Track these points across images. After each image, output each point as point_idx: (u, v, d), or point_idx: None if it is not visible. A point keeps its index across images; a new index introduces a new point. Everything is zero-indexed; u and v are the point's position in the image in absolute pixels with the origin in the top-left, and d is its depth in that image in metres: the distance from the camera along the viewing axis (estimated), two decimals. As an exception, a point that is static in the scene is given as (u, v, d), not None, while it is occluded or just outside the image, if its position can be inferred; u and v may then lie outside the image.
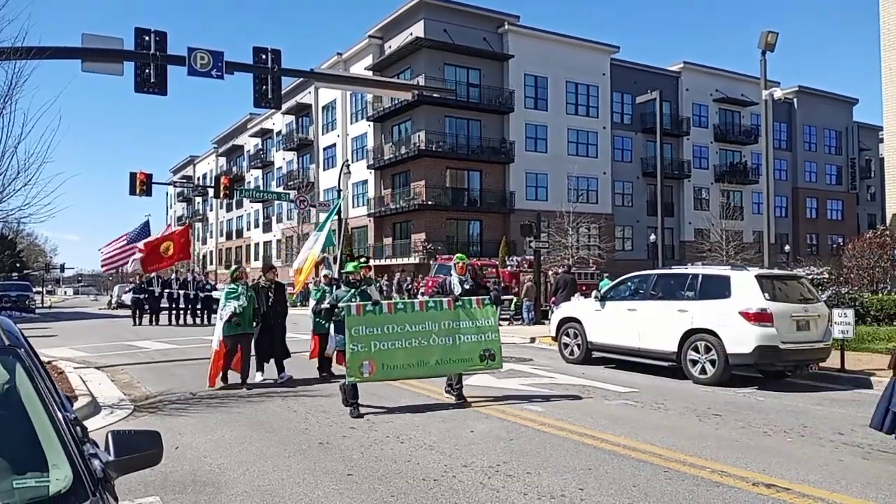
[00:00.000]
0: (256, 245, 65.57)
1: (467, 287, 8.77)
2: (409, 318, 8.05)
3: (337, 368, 9.93)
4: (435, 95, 35.93)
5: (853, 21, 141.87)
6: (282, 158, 59.24)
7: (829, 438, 6.74)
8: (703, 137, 52.67)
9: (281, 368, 10.49)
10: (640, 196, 49.29)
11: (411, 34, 41.08)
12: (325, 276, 11.54)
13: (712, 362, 10.14)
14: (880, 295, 15.76)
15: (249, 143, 67.64)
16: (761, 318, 9.75)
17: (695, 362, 10.39)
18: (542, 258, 25.71)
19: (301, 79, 36.44)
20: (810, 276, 16.26)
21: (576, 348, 12.69)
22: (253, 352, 10.31)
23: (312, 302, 10.85)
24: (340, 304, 7.92)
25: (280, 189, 54.30)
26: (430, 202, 40.25)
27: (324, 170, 52.26)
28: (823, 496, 4.90)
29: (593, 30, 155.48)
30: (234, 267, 10.73)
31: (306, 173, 53.89)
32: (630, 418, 7.69)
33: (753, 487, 5.10)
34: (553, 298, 20.54)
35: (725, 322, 10.05)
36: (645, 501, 4.81)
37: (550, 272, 26.75)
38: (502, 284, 26.51)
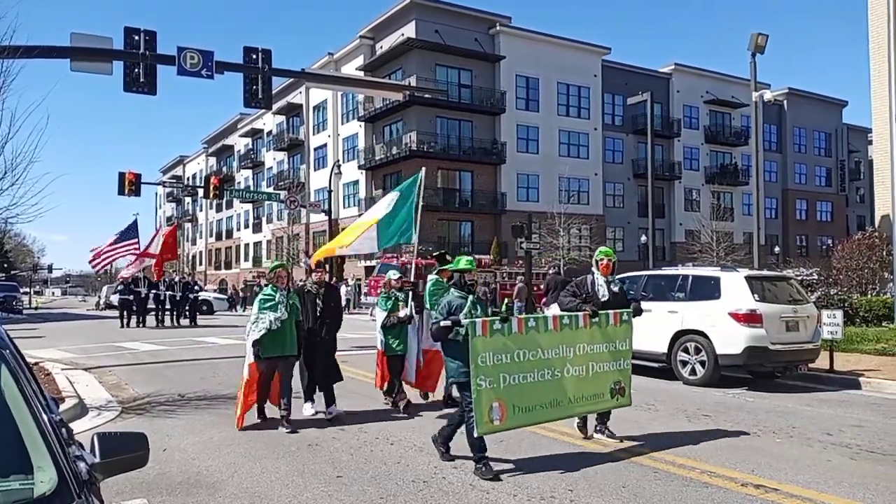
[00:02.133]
0: (246, 246, 65.35)
1: (615, 290, 6.82)
2: (542, 341, 5.87)
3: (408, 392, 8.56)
4: (426, 96, 35.93)
5: (842, 23, 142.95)
6: (272, 158, 59.08)
7: (818, 439, 6.77)
8: (694, 139, 52.90)
9: (331, 399, 7.81)
10: (631, 197, 49.44)
11: (403, 35, 41.06)
12: (397, 280, 8.47)
13: (702, 363, 10.18)
14: (869, 296, 15.87)
15: (240, 143, 67.40)
16: (751, 319, 9.79)
17: (685, 363, 10.43)
18: (532, 259, 25.71)
19: (292, 79, 36.34)
20: (800, 278, 16.34)
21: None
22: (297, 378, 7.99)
23: (379, 313, 8.27)
24: (463, 321, 5.49)
25: (270, 189, 54.13)
26: (421, 203, 40.18)
27: (314, 170, 52.15)
28: (812, 496, 4.92)
29: (584, 31, 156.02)
30: (274, 262, 8.08)
31: (297, 173, 53.77)
32: (620, 419, 7.67)
33: (742, 488, 5.11)
34: (544, 300, 20.59)
35: (715, 323, 10.09)
36: (635, 502, 4.81)
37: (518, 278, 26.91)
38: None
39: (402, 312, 8.05)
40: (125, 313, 23.37)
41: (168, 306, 24.12)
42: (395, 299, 8.23)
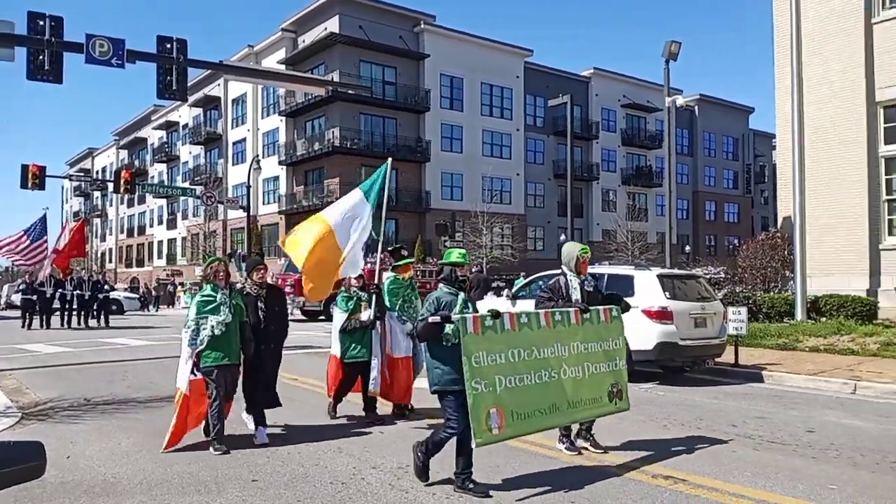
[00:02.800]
0: (160, 243, 62.96)
1: (589, 290, 6.22)
2: (536, 339, 5.33)
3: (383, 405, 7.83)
4: (350, 92, 35.55)
5: (751, 34, 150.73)
6: (188, 152, 57.13)
7: (724, 430, 7.09)
8: (612, 141, 54.56)
9: (261, 419, 6.61)
10: (552, 197, 50.54)
11: (326, 29, 40.51)
12: (358, 278, 7.67)
13: (617, 359, 10.48)
14: (772, 294, 16.78)
15: (153, 135, 64.83)
16: (662, 315, 10.16)
17: (601, 359, 10.72)
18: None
19: (209, 70, 35.24)
20: (708, 276, 17.11)
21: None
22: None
23: (338, 315, 7.48)
24: (454, 316, 4.91)
25: (186, 184, 52.29)
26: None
27: (233, 165, 50.77)
28: (717, 486, 5.13)
29: (507, 33, 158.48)
30: (210, 258, 6.79)
31: (214, 168, 52.20)
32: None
33: (653, 479, 5.29)
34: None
35: (629, 319, 10.37)
36: (548, 494, 4.90)
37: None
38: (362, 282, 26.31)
39: (365, 315, 7.34)
40: (28, 314, 22.06)
41: (76, 306, 22.90)
42: (357, 300, 7.48)
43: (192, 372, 6.14)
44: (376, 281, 7.71)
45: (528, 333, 5.32)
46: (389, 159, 8.36)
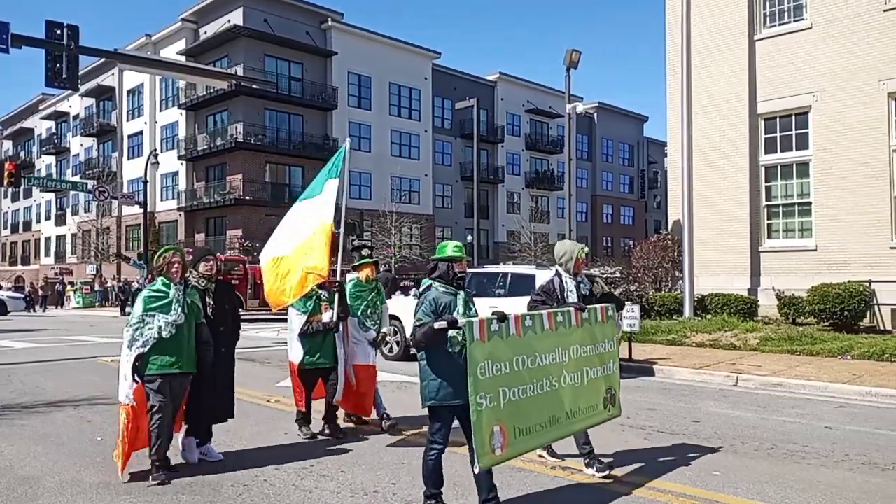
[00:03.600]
0: (48, 239, 59.17)
1: (585, 293, 5.68)
2: (538, 345, 4.82)
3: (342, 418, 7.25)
4: (254, 86, 34.72)
5: (646, 46, 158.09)
6: (79, 144, 53.98)
7: (618, 422, 7.41)
8: (516, 145, 55.84)
9: (207, 435, 5.88)
10: (459, 198, 51.17)
11: (229, 21, 39.35)
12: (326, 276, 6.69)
13: (519, 356, 10.79)
14: (662, 292, 17.70)
15: (41, 125, 60.85)
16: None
17: (504, 357, 11.00)
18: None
19: (104, 59, 33.49)
20: (604, 275, 17.87)
21: (395, 345, 12.90)
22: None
23: (296, 316, 6.69)
24: (462, 321, 4.28)
25: (77, 178, 49.41)
26: (247, 197, 38.83)
27: (128, 158, 48.43)
28: (612, 474, 5.40)
29: (415, 34, 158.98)
30: (164, 247, 5.73)
31: (108, 162, 49.60)
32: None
33: (552, 471, 5.51)
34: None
35: (531, 318, 10.74)
36: (453, 490, 5.01)
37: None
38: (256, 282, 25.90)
39: (326, 316, 6.62)
40: None
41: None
42: (317, 300, 6.68)
43: (134, 379, 5.21)
44: (337, 279, 6.97)
45: (532, 338, 4.78)
46: (348, 140, 7.65)
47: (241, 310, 25.79)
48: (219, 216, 41.24)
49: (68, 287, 44.06)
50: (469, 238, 41.99)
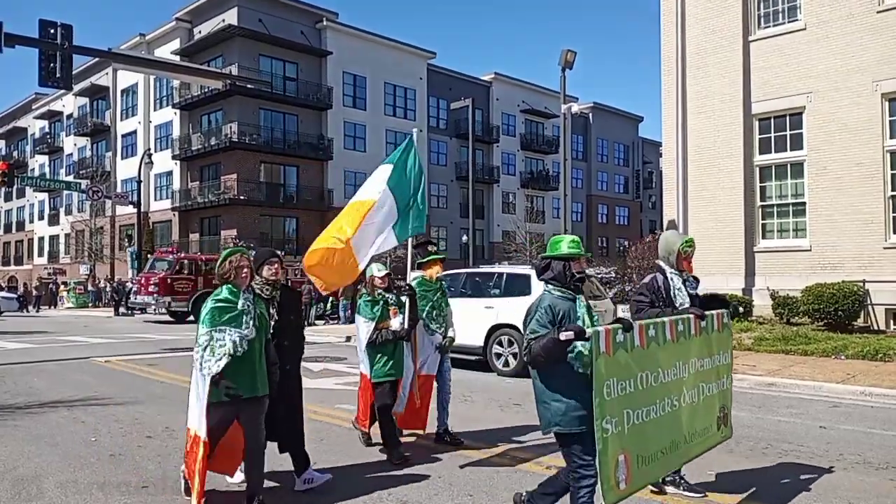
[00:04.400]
0: (41, 239, 58.92)
1: (691, 292, 4.97)
2: (661, 358, 4.19)
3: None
4: (249, 86, 34.66)
5: (641, 46, 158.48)
6: (73, 144, 53.76)
7: (612, 422, 7.46)
8: (511, 145, 55.86)
9: (302, 463, 5.11)
10: (454, 199, 51.16)
11: (224, 21, 39.25)
12: (383, 277, 6.06)
13: (514, 355, 10.82)
14: (657, 293, 17.74)
15: (34, 125, 60.59)
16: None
17: (499, 355, 11.03)
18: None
19: (97, 58, 33.38)
20: (599, 276, 17.90)
21: (389, 346, 12.87)
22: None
23: (364, 325, 5.95)
24: (589, 331, 3.62)
25: (70, 178, 49.23)
26: (242, 197, 38.74)
27: (122, 158, 48.26)
28: (605, 474, 5.41)
29: (411, 33, 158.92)
30: (229, 249, 4.88)
31: (101, 161, 49.40)
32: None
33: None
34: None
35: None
36: (448, 491, 5.00)
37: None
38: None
39: (395, 323, 5.96)
40: None
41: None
42: (384, 304, 5.99)
43: (206, 407, 4.37)
44: (407, 282, 6.28)
45: (655, 350, 4.14)
46: (415, 130, 6.91)
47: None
48: (213, 216, 41.14)
49: (62, 287, 43.87)
50: (464, 238, 42.03)
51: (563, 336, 3.52)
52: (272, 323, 4.92)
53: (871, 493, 4.98)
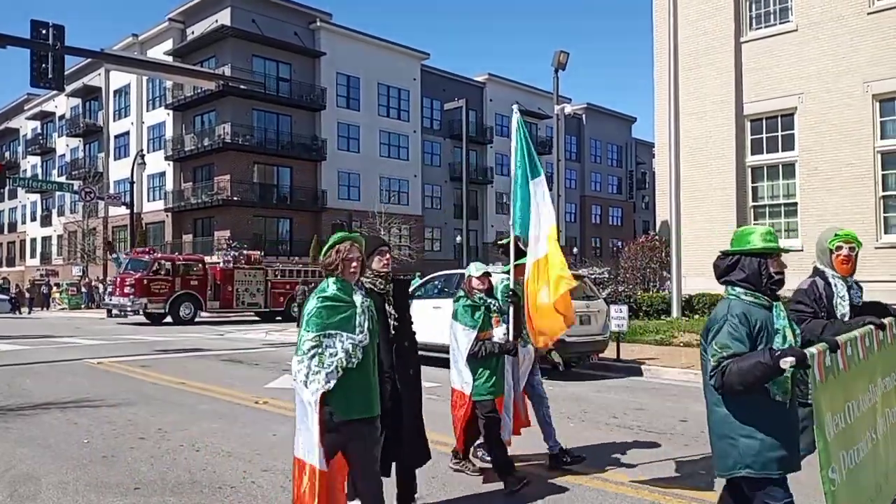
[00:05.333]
0: (33, 240, 58.69)
1: (857, 302, 4.30)
2: (859, 380, 3.44)
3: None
4: (242, 87, 34.60)
5: (634, 47, 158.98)
6: (65, 145, 53.58)
7: (605, 422, 7.49)
8: (505, 146, 55.83)
9: (410, 492, 4.42)
10: (448, 199, 51.19)
11: (217, 21, 39.19)
12: (482, 278, 5.23)
13: (508, 356, 10.81)
14: (650, 293, 17.80)
15: (26, 126, 60.36)
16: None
17: (493, 357, 11.02)
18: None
19: (89, 59, 33.29)
20: (592, 276, 17.95)
21: (382, 347, 12.86)
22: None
23: (463, 333, 5.09)
24: (808, 352, 2.86)
25: (63, 179, 49.04)
26: (235, 198, 38.67)
27: (115, 159, 48.12)
28: (598, 473, 5.44)
29: (404, 34, 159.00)
30: (337, 235, 3.75)
31: (94, 162, 49.25)
32: (431, 412, 7.91)
33: (539, 469, 5.53)
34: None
35: (520, 319, 10.77)
36: (442, 491, 5.02)
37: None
38: (216, 283, 25.40)
39: (499, 333, 5.19)
40: None
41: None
42: (486, 310, 5.17)
43: (327, 430, 3.47)
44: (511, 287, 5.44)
45: (854, 373, 3.35)
46: (515, 106, 5.99)
47: (201, 312, 25.08)
48: (206, 217, 41.04)
49: (54, 289, 43.68)
50: (458, 239, 42.03)
51: (784, 363, 2.76)
52: (393, 323, 4.22)
53: None
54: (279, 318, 26.40)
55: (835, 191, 15.24)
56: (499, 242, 5.79)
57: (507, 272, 5.61)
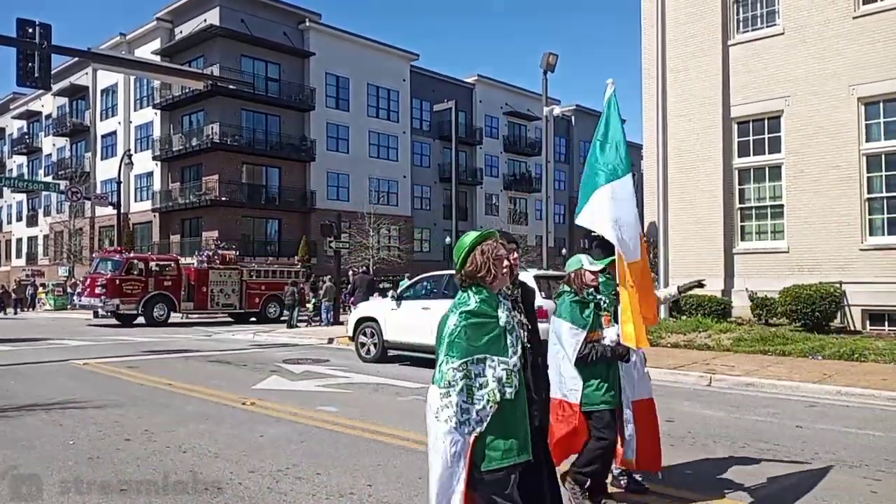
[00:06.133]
0: (19, 241, 58.19)
1: None
2: None
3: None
4: (231, 87, 34.47)
5: (622, 50, 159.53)
6: (52, 144, 53.17)
7: (593, 422, 7.52)
8: (494, 147, 56.01)
9: None
10: (437, 200, 51.21)
11: (205, 21, 39.03)
12: (597, 272, 4.65)
13: (497, 358, 10.84)
14: (638, 294, 17.87)
15: (12, 125, 59.85)
16: (539, 314, 10.61)
17: (481, 358, 11.04)
18: (342, 258, 25.63)
19: (76, 58, 33.06)
20: (582, 278, 18.00)
21: (372, 347, 12.88)
22: None
23: (570, 333, 4.47)
24: None
25: (49, 178, 48.67)
26: (223, 198, 38.50)
27: (102, 159, 47.80)
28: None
29: (393, 35, 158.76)
30: (480, 232, 3.17)
31: (81, 162, 48.90)
32: (420, 413, 7.90)
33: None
34: (353, 298, 20.72)
35: (509, 320, 10.81)
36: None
37: (351, 272, 26.38)
38: (191, 283, 24.79)
39: (611, 334, 4.51)
40: None
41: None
42: (595, 307, 4.58)
43: (473, 486, 2.84)
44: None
45: None
46: (610, 81, 4.94)
47: (174, 313, 24.71)
48: (194, 217, 40.84)
49: (40, 289, 43.32)
50: (448, 240, 42.03)
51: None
52: (525, 335, 3.26)
53: (845, 491, 5.07)
54: (254, 319, 25.79)
55: (821, 193, 15.37)
56: (593, 234, 5.00)
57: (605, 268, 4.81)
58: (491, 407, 2.77)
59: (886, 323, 14.56)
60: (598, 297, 4.62)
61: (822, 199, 15.36)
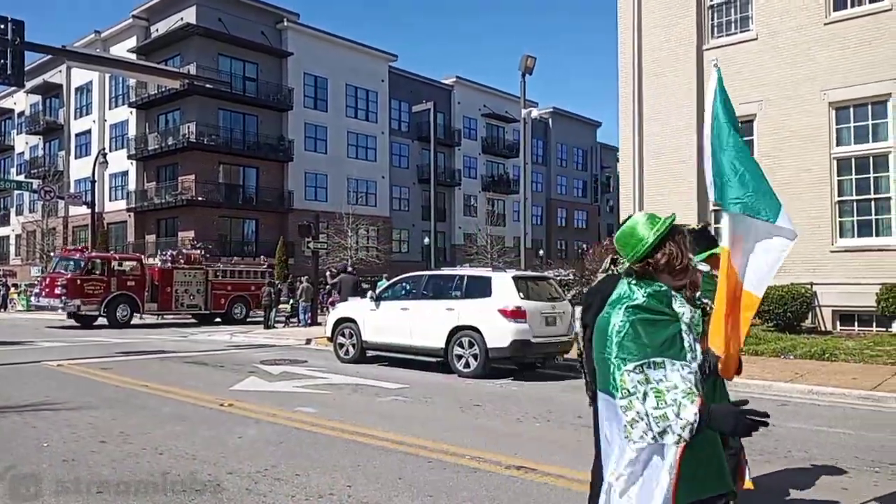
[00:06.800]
0: (-11, 240, 57.00)
1: None
2: None
3: None
4: (208, 86, 34.18)
5: (599, 53, 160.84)
6: (24, 143, 52.26)
7: (571, 422, 7.59)
8: (473, 149, 56.15)
9: None
10: (416, 201, 51.21)
11: (182, 19, 38.65)
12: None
13: (475, 356, 10.92)
14: (615, 295, 18.06)
15: (-18, 122, 58.60)
16: (516, 314, 10.72)
17: (460, 357, 11.11)
18: (320, 259, 25.47)
19: (50, 55, 32.55)
20: (558, 278, 18.15)
21: (351, 348, 12.86)
22: None
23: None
24: None
25: (21, 177, 47.81)
26: (200, 198, 38.15)
27: (76, 157, 47.09)
28: (564, 473, 5.52)
29: (371, 36, 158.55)
30: (656, 219, 2.47)
31: (54, 161, 48.13)
32: (399, 414, 7.99)
33: (506, 470, 5.58)
34: (331, 299, 20.64)
35: (486, 319, 10.89)
36: (409, 492, 5.05)
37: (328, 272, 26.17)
38: (154, 283, 24.09)
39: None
40: None
41: None
42: (702, 313, 2.84)
43: None
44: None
45: None
46: (714, 60, 3.81)
47: (137, 314, 23.87)
48: (170, 217, 40.41)
49: (12, 289, 42.54)
50: (426, 240, 42.07)
51: None
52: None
53: (816, 489, 5.19)
54: (219, 319, 25.21)
55: (795, 196, 15.61)
56: (696, 227, 4.38)
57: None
58: (695, 416, 2.18)
59: (856, 323, 14.87)
60: (704, 300, 3.75)
61: (795, 201, 15.60)
